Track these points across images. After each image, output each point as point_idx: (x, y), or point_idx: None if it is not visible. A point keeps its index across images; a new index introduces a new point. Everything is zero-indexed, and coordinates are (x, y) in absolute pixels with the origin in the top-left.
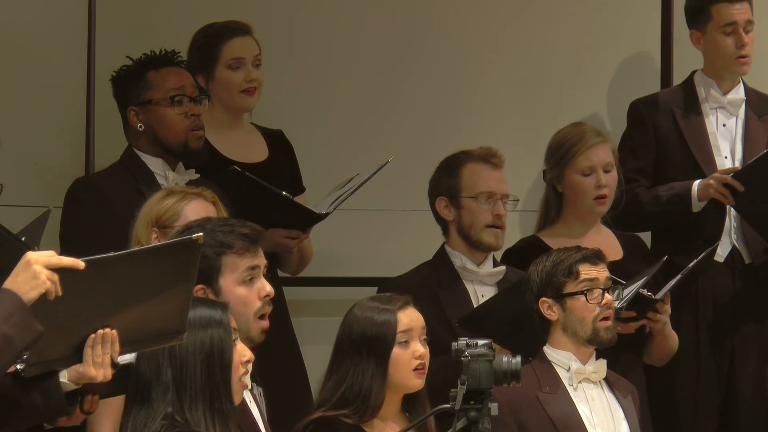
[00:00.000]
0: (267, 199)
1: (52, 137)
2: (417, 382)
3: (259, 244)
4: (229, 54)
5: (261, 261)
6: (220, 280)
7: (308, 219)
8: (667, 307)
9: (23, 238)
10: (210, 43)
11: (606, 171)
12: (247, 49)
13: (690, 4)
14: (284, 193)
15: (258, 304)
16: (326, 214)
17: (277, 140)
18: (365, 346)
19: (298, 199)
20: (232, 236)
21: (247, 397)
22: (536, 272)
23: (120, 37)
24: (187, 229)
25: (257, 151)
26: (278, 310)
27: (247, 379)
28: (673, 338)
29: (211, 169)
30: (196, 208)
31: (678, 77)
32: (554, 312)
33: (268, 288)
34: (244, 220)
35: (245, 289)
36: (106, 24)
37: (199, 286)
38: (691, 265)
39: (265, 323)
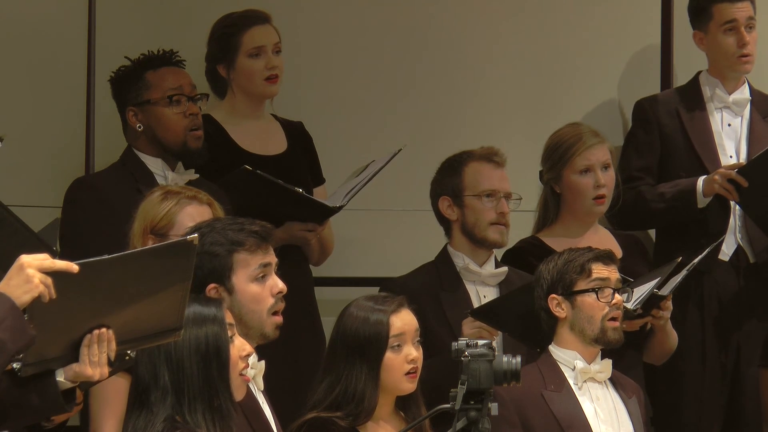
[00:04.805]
0: (280, 195)
1: (53, 138)
2: (409, 386)
3: (269, 242)
4: (250, 43)
5: (272, 258)
6: (232, 278)
7: (323, 212)
8: (670, 304)
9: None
10: (229, 32)
11: (604, 170)
12: (267, 36)
13: (692, 4)
14: (297, 188)
15: (271, 300)
16: (340, 207)
17: (296, 132)
18: (358, 350)
19: (318, 190)
20: (242, 234)
21: (260, 397)
22: (547, 269)
23: (120, 37)
24: (197, 229)
25: (276, 143)
26: (309, 309)
27: (259, 380)
28: (673, 336)
29: (230, 162)
30: (192, 213)
31: (679, 76)
32: (563, 309)
33: (281, 285)
34: (252, 219)
35: (258, 286)
36: (106, 24)
37: (212, 285)
38: (695, 260)
39: (279, 319)
